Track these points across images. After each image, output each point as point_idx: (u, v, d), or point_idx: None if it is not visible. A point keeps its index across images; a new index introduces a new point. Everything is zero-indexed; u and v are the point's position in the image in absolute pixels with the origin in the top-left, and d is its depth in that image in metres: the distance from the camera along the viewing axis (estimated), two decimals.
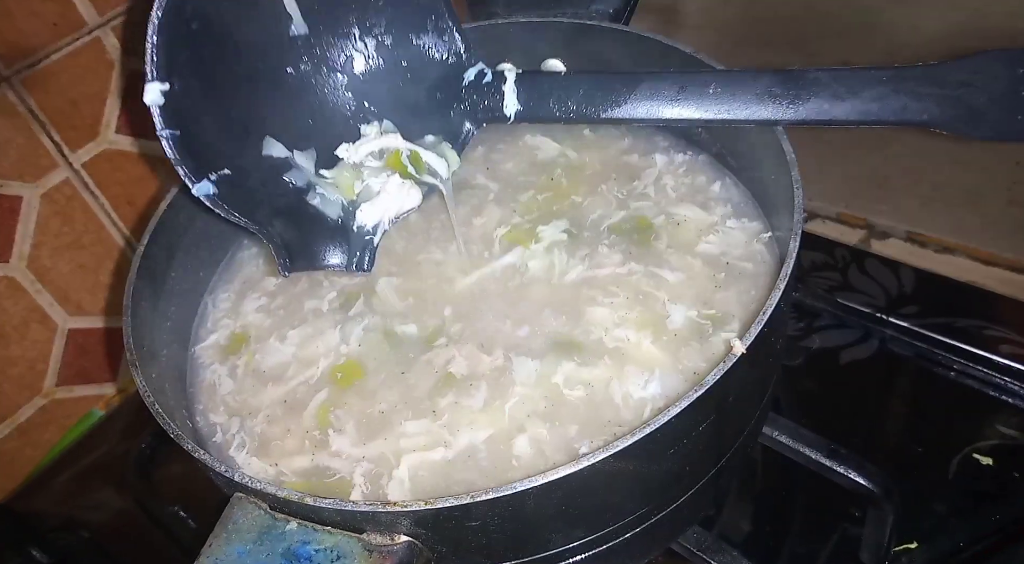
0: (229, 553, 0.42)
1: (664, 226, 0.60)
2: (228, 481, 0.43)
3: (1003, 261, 0.76)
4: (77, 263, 0.76)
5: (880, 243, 0.81)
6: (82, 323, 0.78)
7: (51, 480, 0.77)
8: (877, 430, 0.66)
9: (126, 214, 0.78)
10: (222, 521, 0.43)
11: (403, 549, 0.41)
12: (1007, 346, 0.68)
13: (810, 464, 0.60)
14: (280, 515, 0.43)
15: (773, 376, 0.55)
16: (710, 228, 0.59)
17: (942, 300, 0.73)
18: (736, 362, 0.41)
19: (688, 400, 0.40)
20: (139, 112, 0.75)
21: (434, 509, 0.39)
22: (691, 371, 0.51)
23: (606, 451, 0.39)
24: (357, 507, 0.41)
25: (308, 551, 0.42)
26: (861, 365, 0.70)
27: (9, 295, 0.72)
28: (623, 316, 0.54)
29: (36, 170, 0.71)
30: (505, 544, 0.44)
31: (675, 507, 0.49)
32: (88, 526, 0.72)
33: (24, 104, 0.69)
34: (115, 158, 0.76)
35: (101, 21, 0.71)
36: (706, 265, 0.57)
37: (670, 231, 0.60)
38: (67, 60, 0.70)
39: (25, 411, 0.77)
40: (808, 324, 0.74)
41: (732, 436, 0.50)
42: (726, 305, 0.54)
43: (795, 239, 0.47)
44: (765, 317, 0.43)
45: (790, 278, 0.45)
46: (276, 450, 0.53)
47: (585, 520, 0.45)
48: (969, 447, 0.63)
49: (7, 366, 0.74)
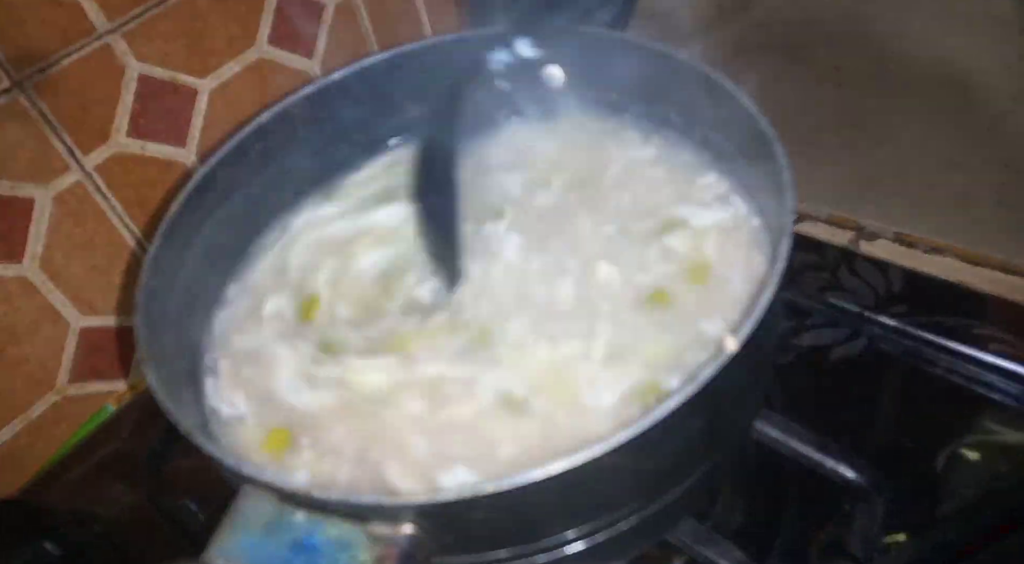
0: (237, 544, 0.43)
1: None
2: (237, 474, 0.45)
3: (991, 261, 0.77)
4: (89, 264, 0.77)
5: (869, 244, 0.82)
6: (94, 322, 0.79)
7: (63, 475, 0.78)
8: (866, 425, 0.67)
9: (137, 216, 0.79)
10: (230, 513, 0.44)
11: (406, 539, 0.42)
12: (995, 345, 0.69)
13: (801, 458, 0.62)
14: (287, 506, 0.44)
15: (765, 373, 0.57)
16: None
17: (931, 299, 0.74)
18: (728, 359, 0.43)
19: (682, 397, 0.42)
20: (148, 116, 0.77)
21: (437, 502, 0.41)
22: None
23: (603, 446, 0.40)
24: (361, 499, 0.42)
25: (314, 541, 0.43)
26: (850, 362, 0.72)
27: (22, 295, 0.73)
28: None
29: (48, 173, 0.72)
30: (505, 534, 0.46)
31: (670, 500, 0.50)
32: (100, 519, 0.74)
33: (36, 108, 0.70)
34: (126, 161, 0.77)
35: (111, 27, 0.72)
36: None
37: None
38: (78, 65, 0.71)
39: (38, 407, 0.78)
40: (799, 322, 0.75)
41: (725, 431, 0.52)
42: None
43: (786, 240, 0.48)
44: (757, 315, 0.45)
45: (781, 277, 0.47)
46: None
47: (581, 511, 0.47)
48: (957, 442, 0.64)
49: (20, 364, 0.75)
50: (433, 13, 0.99)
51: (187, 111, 0.81)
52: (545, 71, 0.66)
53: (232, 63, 0.82)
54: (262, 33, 0.84)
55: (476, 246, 0.63)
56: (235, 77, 0.83)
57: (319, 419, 0.56)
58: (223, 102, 0.83)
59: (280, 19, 0.85)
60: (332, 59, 0.92)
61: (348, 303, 0.64)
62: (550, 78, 0.67)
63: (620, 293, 0.59)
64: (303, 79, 0.89)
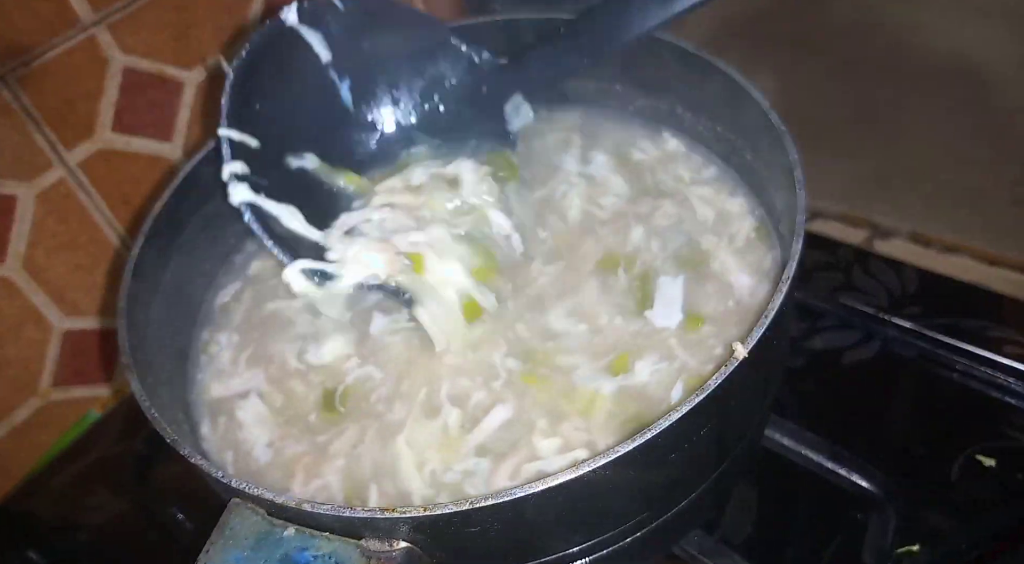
0: (226, 560, 0.41)
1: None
2: (225, 486, 0.43)
3: (1007, 261, 0.76)
4: (73, 263, 0.75)
5: (883, 243, 0.81)
6: (78, 324, 0.78)
7: (48, 481, 0.77)
8: (879, 432, 0.65)
9: (122, 213, 0.77)
10: (219, 527, 0.42)
11: (402, 555, 0.41)
12: (1011, 347, 0.67)
13: (812, 467, 0.60)
14: (278, 521, 0.42)
15: (775, 378, 0.55)
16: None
17: (945, 300, 0.73)
18: (738, 366, 0.41)
19: (689, 405, 0.39)
20: (133, 111, 0.75)
21: (433, 515, 0.39)
22: None
23: (606, 457, 0.38)
24: (355, 513, 0.40)
25: (306, 557, 0.41)
26: (864, 366, 0.70)
27: (4, 295, 0.72)
28: None
29: (31, 169, 0.70)
30: (505, 549, 0.44)
31: (676, 511, 0.48)
32: (85, 527, 0.72)
33: (18, 102, 0.68)
34: (110, 157, 0.75)
35: (96, 18, 0.71)
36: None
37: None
38: (62, 58, 0.70)
39: (21, 412, 0.76)
40: (810, 325, 0.73)
41: (734, 439, 0.50)
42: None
43: (798, 240, 0.46)
44: (768, 320, 0.43)
45: (792, 279, 0.45)
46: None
47: (585, 525, 0.45)
48: (972, 449, 0.62)
49: (2, 367, 0.74)
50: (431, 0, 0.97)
51: (173, 105, 0.79)
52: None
53: (220, 54, 0.81)
54: (252, 24, 0.82)
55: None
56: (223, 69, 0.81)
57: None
58: (210, 95, 0.81)
59: (270, 10, 0.83)
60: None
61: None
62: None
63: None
64: None
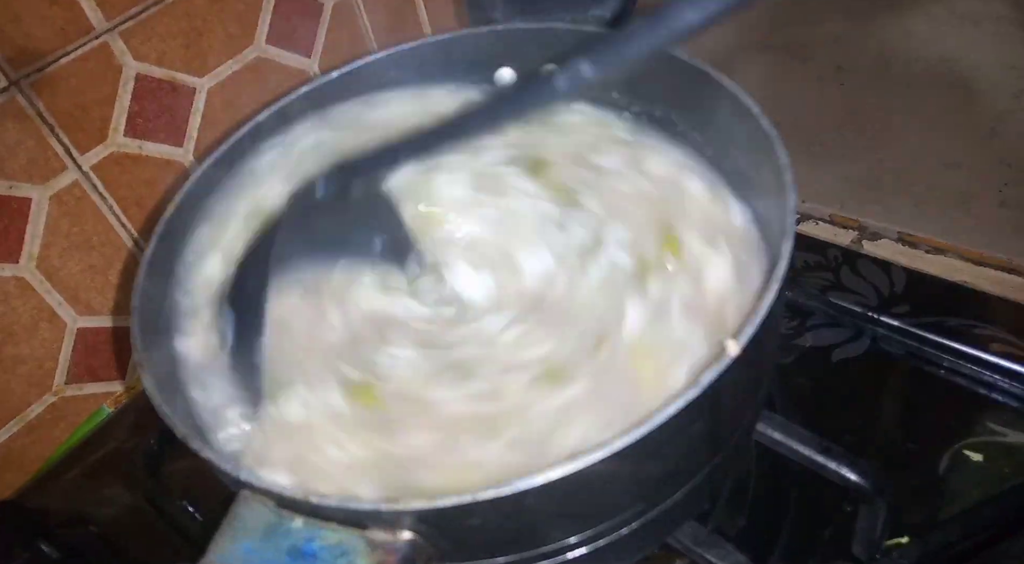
0: (235, 550, 0.43)
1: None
2: (235, 479, 0.44)
3: (993, 261, 0.77)
4: (86, 263, 0.77)
5: (872, 244, 0.83)
6: (91, 322, 0.79)
7: (60, 476, 0.78)
8: (869, 427, 0.67)
9: (134, 215, 0.79)
10: (228, 519, 0.44)
11: (406, 545, 0.42)
12: (997, 345, 0.69)
13: (803, 461, 0.61)
14: (285, 512, 0.43)
15: (767, 375, 0.56)
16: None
17: (933, 299, 0.74)
18: (730, 362, 0.42)
19: (684, 401, 0.41)
20: (145, 116, 0.77)
21: (436, 507, 0.40)
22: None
23: (603, 451, 0.40)
24: (360, 505, 0.41)
25: (313, 548, 0.42)
26: (853, 363, 0.71)
27: (19, 295, 0.73)
28: None
29: (45, 172, 0.72)
30: (505, 540, 0.46)
31: (671, 503, 0.50)
32: (97, 521, 0.73)
33: (33, 107, 0.70)
34: (123, 161, 0.77)
35: (109, 26, 0.72)
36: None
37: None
38: (75, 64, 0.71)
39: (35, 409, 0.78)
40: (801, 323, 0.75)
41: (727, 434, 0.51)
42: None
43: (788, 241, 0.48)
44: (759, 318, 0.44)
45: (783, 279, 0.46)
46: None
47: (583, 516, 0.46)
48: (959, 443, 0.64)
49: (17, 364, 0.75)
50: (432, 11, 0.98)
51: (185, 110, 0.80)
52: (544, 70, 0.65)
53: (230, 62, 0.82)
54: (260, 32, 0.84)
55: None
56: (233, 76, 0.83)
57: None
58: (221, 101, 0.82)
59: (278, 18, 0.85)
60: (330, 58, 0.91)
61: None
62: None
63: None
64: (301, 78, 0.89)
